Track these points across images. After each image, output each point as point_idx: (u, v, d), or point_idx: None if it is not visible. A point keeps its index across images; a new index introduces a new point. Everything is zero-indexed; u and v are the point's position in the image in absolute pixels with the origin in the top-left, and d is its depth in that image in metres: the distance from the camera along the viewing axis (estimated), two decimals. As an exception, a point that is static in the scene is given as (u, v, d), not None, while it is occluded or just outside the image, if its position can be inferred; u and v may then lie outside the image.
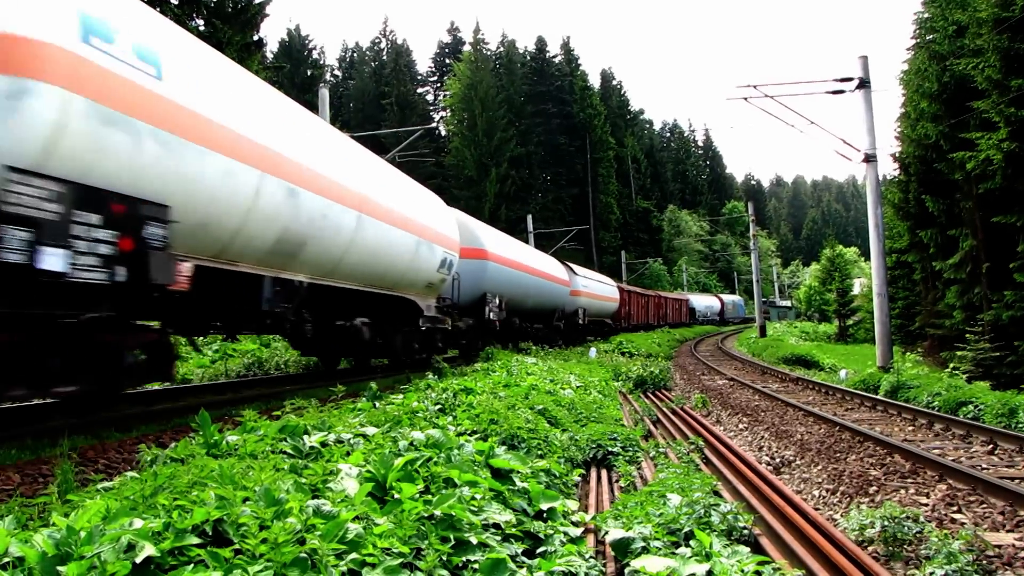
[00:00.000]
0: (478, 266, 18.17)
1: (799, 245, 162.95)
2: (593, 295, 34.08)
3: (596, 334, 37.44)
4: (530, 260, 23.83)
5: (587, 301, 32.50)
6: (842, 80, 18.83)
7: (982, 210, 20.01)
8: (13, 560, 2.58)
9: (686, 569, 3.51)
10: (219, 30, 20.78)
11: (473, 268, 17.83)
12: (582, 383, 12.60)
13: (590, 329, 35.91)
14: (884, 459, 8.72)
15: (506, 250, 21.09)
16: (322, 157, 9.49)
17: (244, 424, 5.49)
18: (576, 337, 32.10)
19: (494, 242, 20.01)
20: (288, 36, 77.90)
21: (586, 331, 34.96)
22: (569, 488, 5.72)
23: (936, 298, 24.60)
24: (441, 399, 7.56)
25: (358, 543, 2.92)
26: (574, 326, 31.12)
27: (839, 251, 64.55)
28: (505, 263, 20.18)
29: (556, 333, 28.47)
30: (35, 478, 5.66)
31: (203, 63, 7.34)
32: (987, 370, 17.63)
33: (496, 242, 20.35)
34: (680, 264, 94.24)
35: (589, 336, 35.01)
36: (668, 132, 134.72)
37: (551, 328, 27.85)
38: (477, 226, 19.46)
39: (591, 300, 33.48)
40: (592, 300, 33.80)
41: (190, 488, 3.37)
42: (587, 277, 34.37)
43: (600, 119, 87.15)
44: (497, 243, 20.43)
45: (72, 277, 5.34)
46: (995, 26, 17.64)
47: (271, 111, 8.57)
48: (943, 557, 4.76)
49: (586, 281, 33.22)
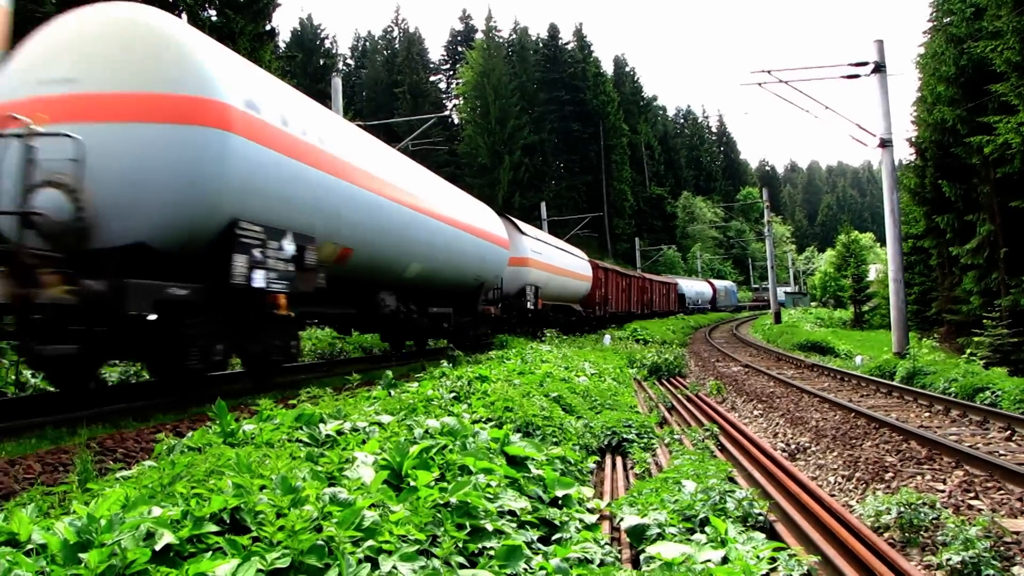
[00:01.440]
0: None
1: (814, 231, 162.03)
2: (551, 268, 25.42)
3: (557, 326, 26.06)
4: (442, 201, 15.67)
5: (541, 276, 24.01)
6: (857, 64, 18.64)
7: (1000, 195, 19.84)
8: (36, 547, 2.62)
9: (701, 555, 3.51)
10: (231, 20, 20.76)
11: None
12: (596, 370, 12.59)
13: (547, 318, 25.94)
14: (900, 445, 8.68)
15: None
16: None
17: (260, 413, 5.53)
18: (513, 331, 22.40)
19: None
20: (300, 25, 78.08)
21: (541, 321, 25.19)
22: (584, 475, 5.73)
23: (953, 284, 24.43)
24: (456, 387, 7.58)
25: (374, 530, 2.94)
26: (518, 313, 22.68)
27: (854, 237, 64.09)
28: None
29: (470, 327, 18.26)
30: (55, 467, 5.72)
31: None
32: (1005, 356, 17.51)
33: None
34: (694, 251, 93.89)
35: (547, 328, 23.66)
36: (682, 118, 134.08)
37: (464, 317, 17.74)
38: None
39: (549, 276, 24.97)
40: (550, 276, 25.20)
41: (207, 477, 3.39)
42: (541, 240, 25.45)
43: (613, 106, 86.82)
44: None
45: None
46: (1015, 7, 17.41)
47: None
48: (960, 543, 4.74)
49: (539, 246, 24.52)
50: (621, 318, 39.31)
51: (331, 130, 10.29)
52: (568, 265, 28.30)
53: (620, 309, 39.30)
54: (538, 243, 24.75)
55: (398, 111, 68.66)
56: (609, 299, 36.22)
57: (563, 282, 27.15)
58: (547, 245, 26.10)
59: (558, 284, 26.42)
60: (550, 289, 25.23)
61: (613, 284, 37.46)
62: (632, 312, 42.30)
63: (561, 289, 27.11)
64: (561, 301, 28.09)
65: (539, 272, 23.73)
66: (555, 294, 26.32)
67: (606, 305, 35.51)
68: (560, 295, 27.38)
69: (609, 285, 36.29)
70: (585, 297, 31.69)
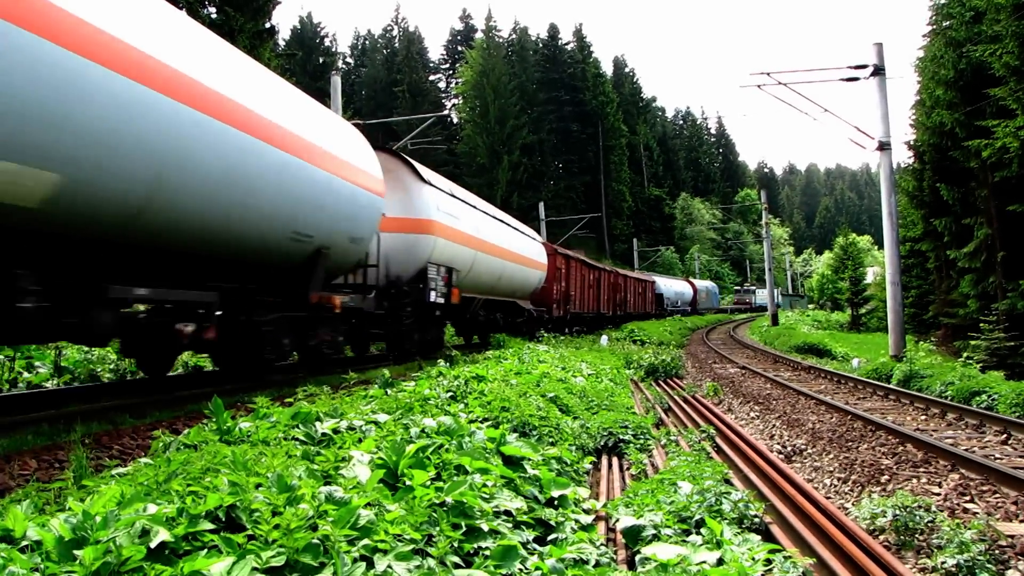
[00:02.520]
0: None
1: (812, 233, 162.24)
2: (479, 244, 17.22)
3: (492, 329, 20.80)
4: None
5: (459, 254, 15.93)
6: (856, 67, 18.66)
7: (998, 198, 19.85)
8: (31, 543, 2.62)
9: (696, 557, 3.51)
10: (231, 18, 20.77)
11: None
12: (594, 371, 12.60)
13: (476, 319, 19.29)
14: (896, 448, 8.69)
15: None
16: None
17: (257, 411, 5.53)
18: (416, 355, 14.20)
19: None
20: (300, 23, 78.08)
21: (463, 323, 19.47)
22: (580, 476, 5.73)
23: (950, 287, 24.45)
24: (452, 386, 7.58)
25: (370, 529, 2.94)
26: (415, 309, 14.14)
27: (852, 239, 64.28)
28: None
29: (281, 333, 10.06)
30: (51, 463, 5.71)
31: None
32: (1001, 360, 17.51)
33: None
34: (692, 252, 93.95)
35: (476, 333, 20.74)
36: (681, 120, 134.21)
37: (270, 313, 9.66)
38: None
39: (473, 255, 16.81)
40: (477, 256, 17.09)
41: (203, 474, 3.39)
42: (460, 200, 16.94)
43: (612, 106, 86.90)
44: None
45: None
46: (1014, 12, 17.43)
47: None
48: (955, 547, 4.75)
49: (455, 207, 16.18)
50: (588, 321, 33.10)
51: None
52: (511, 244, 19.97)
53: (586, 309, 31.96)
54: (454, 203, 15.95)
55: (397, 110, 68.64)
56: (572, 296, 28.86)
57: (501, 268, 18.88)
58: (472, 209, 17.32)
59: (492, 270, 18.20)
60: (479, 276, 17.28)
61: (577, 277, 29.92)
62: (602, 313, 35.29)
63: (497, 278, 18.84)
64: (499, 295, 19.84)
65: (454, 248, 15.44)
66: (488, 284, 18.29)
67: (567, 304, 28.20)
68: (497, 286, 19.18)
69: (572, 278, 28.94)
70: (538, 292, 24.10)
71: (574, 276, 29.69)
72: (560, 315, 27.52)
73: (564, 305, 28.05)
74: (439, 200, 15.04)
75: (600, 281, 35.08)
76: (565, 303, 28.23)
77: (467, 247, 16.38)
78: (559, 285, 27.22)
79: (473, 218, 17.31)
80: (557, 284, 26.93)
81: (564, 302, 28.05)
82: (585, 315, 32.11)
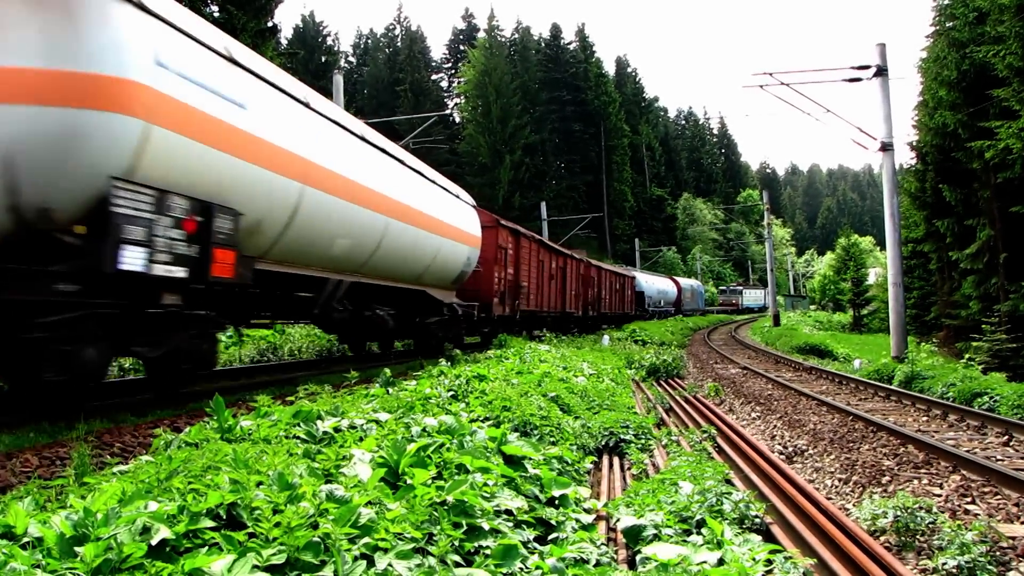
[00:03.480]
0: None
1: (814, 234, 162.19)
2: (304, 168, 9.04)
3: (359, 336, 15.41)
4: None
5: (246, 180, 7.93)
6: (859, 68, 18.65)
7: (1000, 200, 19.85)
8: (32, 540, 2.62)
9: (697, 557, 3.51)
10: (233, 16, 20.79)
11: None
12: (595, 371, 12.60)
13: (344, 323, 12.37)
14: (897, 449, 8.68)
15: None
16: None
17: (258, 409, 5.52)
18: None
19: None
20: (302, 22, 78.14)
21: (339, 328, 13.73)
22: (581, 475, 5.73)
23: (952, 288, 24.45)
24: (454, 386, 7.58)
25: (371, 528, 2.94)
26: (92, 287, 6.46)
27: (854, 240, 64.30)
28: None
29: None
30: (52, 461, 5.72)
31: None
32: (1003, 361, 17.52)
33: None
34: (694, 253, 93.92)
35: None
36: (683, 120, 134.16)
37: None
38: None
39: (297, 191, 8.90)
40: (303, 193, 9.01)
41: (204, 472, 3.39)
42: (254, 74, 8.40)
43: (615, 106, 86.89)
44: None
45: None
46: (1017, 12, 17.41)
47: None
48: (956, 548, 4.74)
49: (248, 88, 8.16)
50: (551, 322, 25.90)
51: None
52: (406, 193, 12.62)
53: (546, 307, 24.76)
54: (234, 77, 7.99)
55: (399, 109, 68.65)
56: (524, 288, 21.44)
57: (380, 229, 11.47)
58: (297, 106, 9.39)
59: (356, 227, 10.77)
60: (318, 235, 9.86)
61: (532, 263, 22.47)
62: (568, 312, 28.15)
63: (374, 245, 11.43)
64: (382, 278, 12.49)
65: (228, 164, 7.68)
66: (345, 254, 10.73)
67: (516, 298, 20.74)
68: (376, 262, 11.79)
69: (525, 264, 21.53)
70: (468, 280, 16.90)
71: (528, 261, 21.98)
72: (506, 314, 20.03)
73: (511, 300, 20.39)
74: (173, 47, 7.02)
75: (566, 271, 27.88)
76: (513, 297, 20.55)
77: (275, 172, 8.46)
78: (504, 272, 19.58)
79: (300, 122, 9.24)
80: (501, 270, 19.26)
81: (511, 296, 20.42)
82: (544, 314, 24.64)
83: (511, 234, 20.59)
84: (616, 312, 39.97)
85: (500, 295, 19.41)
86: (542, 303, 24.18)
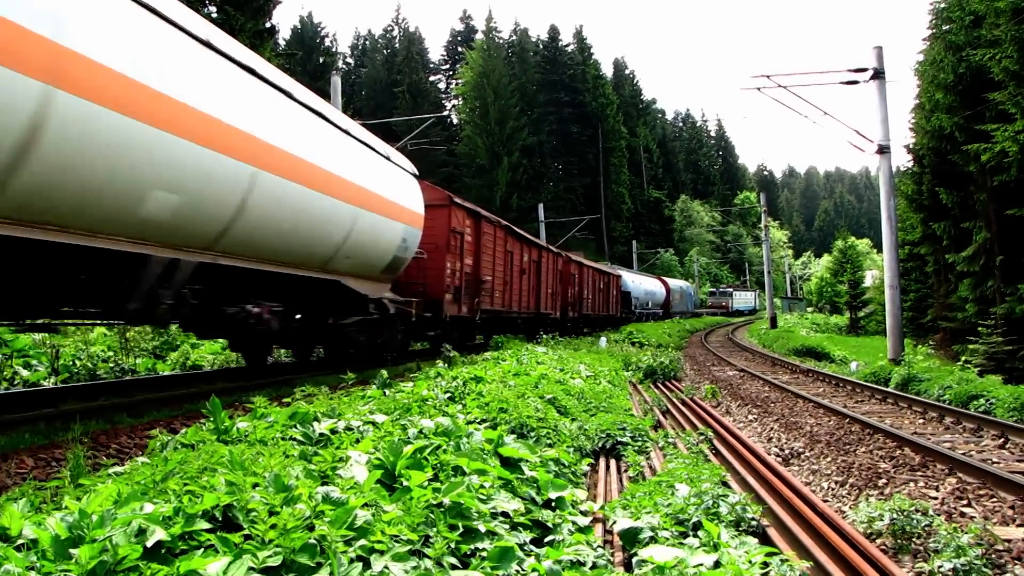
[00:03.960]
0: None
1: (811, 236, 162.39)
2: (53, 61, 5.20)
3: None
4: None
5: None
6: (856, 71, 18.68)
7: (996, 202, 19.87)
8: (27, 542, 2.62)
9: (694, 559, 3.51)
10: (231, 17, 20.78)
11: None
12: (592, 372, 12.60)
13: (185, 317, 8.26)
14: (894, 452, 8.69)
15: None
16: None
17: (254, 411, 5.52)
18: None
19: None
20: (300, 23, 77.98)
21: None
22: (578, 477, 5.73)
23: (948, 291, 24.48)
24: (451, 387, 7.58)
25: (367, 530, 2.93)
26: None
27: (851, 243, 64.35)
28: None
29: None
30: (48, 462, 5.71)
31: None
32: (999, 364, 17.55)
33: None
34: (691, 255, 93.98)
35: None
36: (680, 122, 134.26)
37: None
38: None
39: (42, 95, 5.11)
40: (51, 95, 5.21)
41: (200, 474, 3.39)
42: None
43: (612, 108, 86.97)
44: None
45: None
46: (1013, 16, 17.46)
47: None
48: (952, 551, 4.75)
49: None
50: (522, 325, 22.94)
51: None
52: (288, 139, 8.68)
53: (516, 306, 20.89)
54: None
55: (397, 110, 68.61)
56: (487, 283, 17.80)
57: (221, 175, 7.45)
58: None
59: (164, 167, 6.62)
60: (90, 181, 5.91)
61: (495, 253, 18.76)
62: (543, 313, 24.46)
63: (201, 204, 7.28)
64: (253, 260, 8.71)
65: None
66: (168, 221, 6.94)
67: (477, 295, 17.18)
68: (226, 234, 7.88)
69: (486, 253, 17.83)
70: (411, 269, 13.93)
71: (492, 251, 18.30)
72: (462, 314, 16.27)
73: (469, 298, 16.68)
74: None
75: (541, 266, 24.05)
76: (472, 294, 16.83)
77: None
78: (459, 262, 16.03)
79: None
80: (455, 260, 15.77)
81: (470, 292, 16.68)
82: (512, 315, 20.82)
83: (469, 216, 16.86)
84: (600, 314, 36.50)
85: (454, 291, 15.62)
86: (510, 302, 20.40)
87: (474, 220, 17.38)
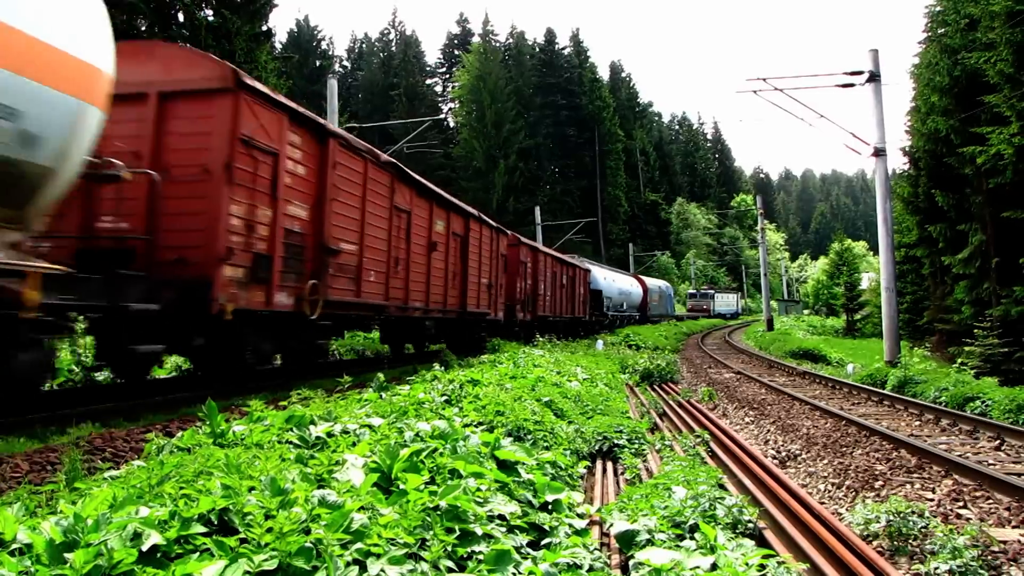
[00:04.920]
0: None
1: (808, 239, 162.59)
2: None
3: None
4: None
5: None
6: (852, 73, 18.72)
7: (992, 205, 19.90)
8: (21, 546, 2.60)
9: (690, 562, 3.51)
10: (228, 20, 20.77)
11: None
12: (589, 375, 12.60)
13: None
14: (890, 454, 8.70)
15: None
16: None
17: (251, 414, 5.51)
18: None
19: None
20: (297, 26, 77.98)
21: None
22: (575, 480, 5.72)
23: (945, 293, 24.51)
24: (447, 390, 7.57)
25: (363, 533, 2.93)
26: None
27: (847, 245, 64.54)
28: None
29: None
30: (43, 466, 5.69)
31: None
32: (995, 366, 17.56)
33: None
34: (688, 257, 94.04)
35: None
36: (677, 125, 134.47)
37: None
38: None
39: None
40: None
41: (196, 477, 3.38)
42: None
43: (609, 111, 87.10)
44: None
45: None
46: (1008, 19, 17.50)
47: None
48: (948, 552, 4.75)
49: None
50: (432, 330, 15.88)
51: None
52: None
53: (418, 299, 14.16)
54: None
55: (394, 114, 68.63)
56: (339, 254, 10.76)
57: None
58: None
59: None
60: None
61: (365, 201, 11.61)
62: (471, 312, 17.58)
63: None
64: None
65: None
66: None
67: (319, 273, 10.14)
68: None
69: (337, 195, 10.62)
70: (133, 215, 7.92)
71: (355, 197, 11.45)
72: (278, 307, 9.42)
73: (296, 278, 9.83)
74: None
75: (469, 243, 17.22)
76: (305, 271, 10.03)
77: None
78: (268, 208, 9.10)
79: None
80: (252, 200, 8.74)
81: (296, 268, 9.81)
82: (414, 314, 14.24)
83: (292, 120, 9.64)
84: (563, 316, 29.13)
85: (252, 263, 8.82)
86: (402, 292, 13.38)
87: (306, 131, 10.01)
